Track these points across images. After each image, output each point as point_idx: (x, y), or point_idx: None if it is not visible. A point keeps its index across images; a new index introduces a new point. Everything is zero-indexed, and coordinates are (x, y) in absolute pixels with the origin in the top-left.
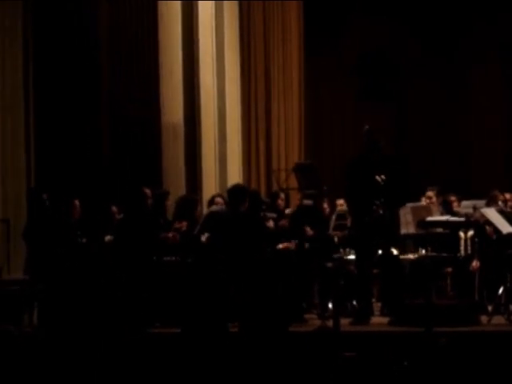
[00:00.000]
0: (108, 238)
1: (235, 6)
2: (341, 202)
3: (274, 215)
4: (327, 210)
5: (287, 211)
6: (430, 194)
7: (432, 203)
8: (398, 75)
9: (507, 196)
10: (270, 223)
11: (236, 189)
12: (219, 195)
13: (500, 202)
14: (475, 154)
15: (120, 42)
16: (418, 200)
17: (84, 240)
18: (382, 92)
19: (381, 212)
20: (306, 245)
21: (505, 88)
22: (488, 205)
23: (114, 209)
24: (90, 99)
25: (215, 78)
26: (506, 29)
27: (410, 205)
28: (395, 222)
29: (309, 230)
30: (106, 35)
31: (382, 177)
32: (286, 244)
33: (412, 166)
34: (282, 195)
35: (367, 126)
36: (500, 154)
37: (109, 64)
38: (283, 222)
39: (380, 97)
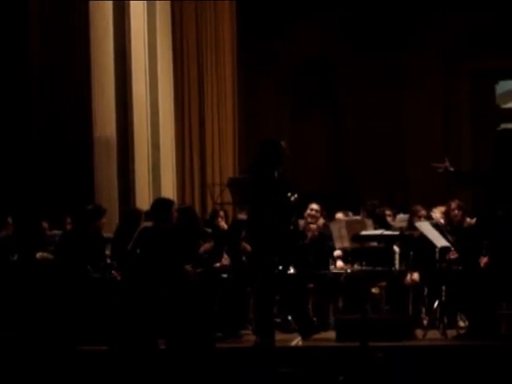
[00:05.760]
0: (39, 254)
1: (168, 21)
2: None
3: (209, 230)
4: None
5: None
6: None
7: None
8: (337, 86)
9: (441, 209)
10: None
11: (158, 203)
12: None
13: (422, 218)
14: (415, 165)
15: (51, 57)
16: (358, 212)
17: (15, 257)
18: (320, 103)
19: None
20: (244, 259)
21: (445, 95)
22: (411, 220)
23: (45, 225)
24: (20, 114)
25: (148, 90)
26: (450, 37)
27: (344, 219)
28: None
29: (247, 246)
30: (37, 50)
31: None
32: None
33: (351, 178)
34: (222, 213)
35: (283, 141)
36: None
37: (40, 77)
38: (206, 246)
39: (318, 108)
